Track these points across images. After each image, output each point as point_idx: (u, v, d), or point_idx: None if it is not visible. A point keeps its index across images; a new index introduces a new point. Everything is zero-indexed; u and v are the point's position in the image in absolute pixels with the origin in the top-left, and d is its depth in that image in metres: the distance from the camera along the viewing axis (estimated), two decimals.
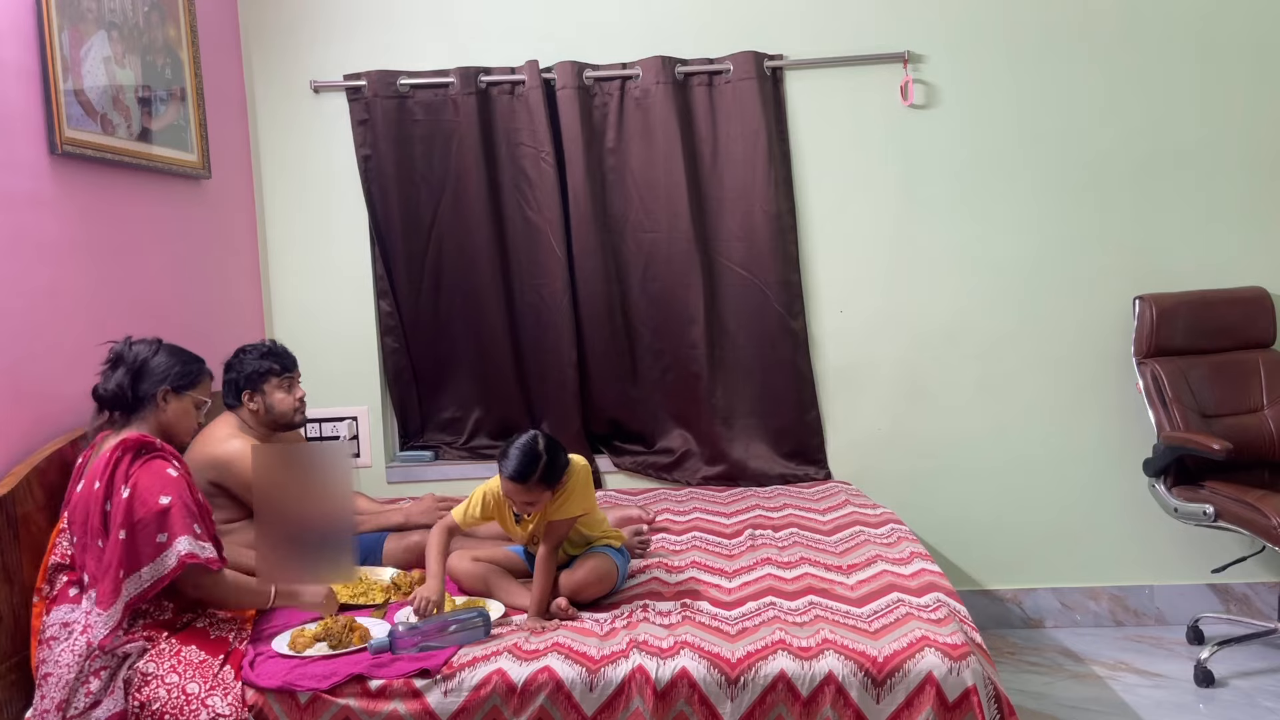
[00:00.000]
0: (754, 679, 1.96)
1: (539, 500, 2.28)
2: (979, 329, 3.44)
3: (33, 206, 2.35)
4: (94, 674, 1.94)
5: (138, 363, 2.17)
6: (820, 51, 3.40)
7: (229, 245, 3.34)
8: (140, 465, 2.05)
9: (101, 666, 1.95)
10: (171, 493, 2.03)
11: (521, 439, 2.25)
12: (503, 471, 2.25)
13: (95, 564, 2.01)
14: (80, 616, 1.98)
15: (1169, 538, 3.41)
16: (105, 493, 2.02)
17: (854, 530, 2.79)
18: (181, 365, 2.22)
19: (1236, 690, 2.91)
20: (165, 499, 2.02)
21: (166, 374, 2.18)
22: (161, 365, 2.19)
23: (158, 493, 2.02)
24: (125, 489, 2.02)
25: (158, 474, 2.05)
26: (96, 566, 2.00)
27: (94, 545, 2.01)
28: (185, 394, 2.21)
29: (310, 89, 3.50)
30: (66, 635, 1.98)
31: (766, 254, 3.40)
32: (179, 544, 2.00)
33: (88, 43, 2.53)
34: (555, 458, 2.26)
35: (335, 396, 3.53)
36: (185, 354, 2.26)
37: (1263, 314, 3.25)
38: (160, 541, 2.00)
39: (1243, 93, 3.34)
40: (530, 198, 3.46)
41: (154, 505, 2.00)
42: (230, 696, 1.93)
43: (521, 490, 2.24)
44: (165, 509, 2.01)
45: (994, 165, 3.40)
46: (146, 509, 2.00)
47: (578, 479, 2.34)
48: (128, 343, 2.22)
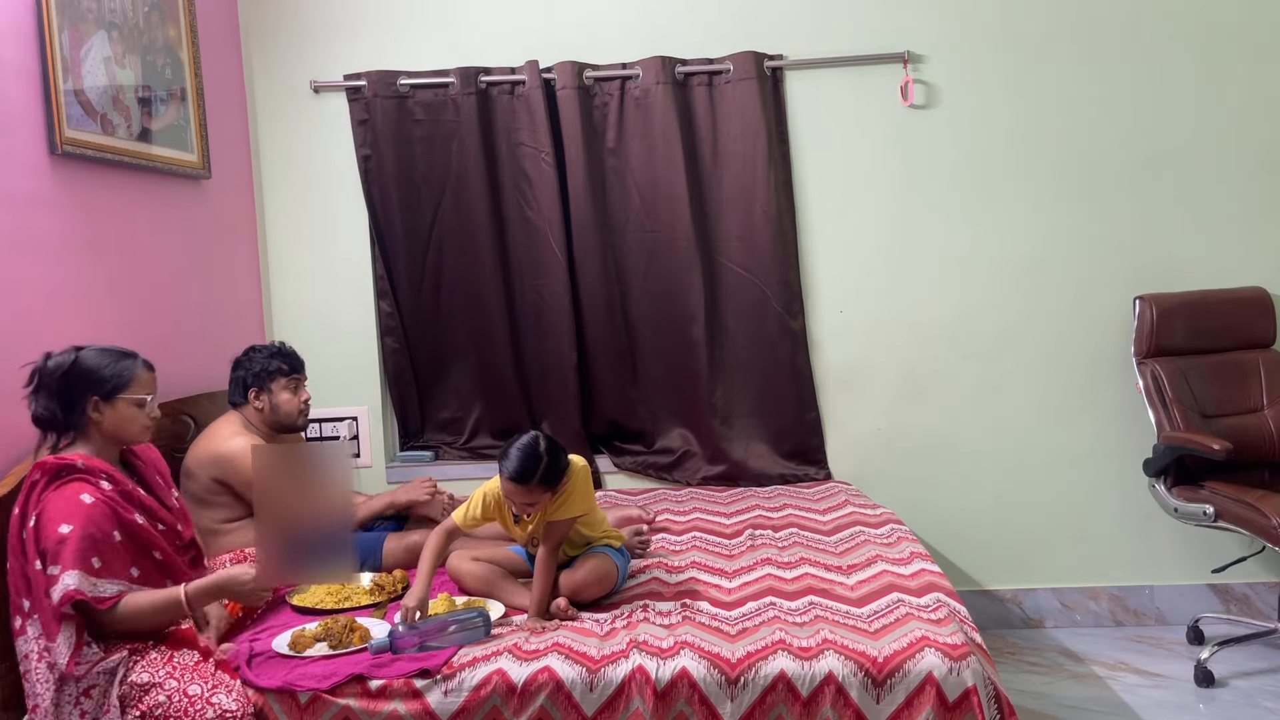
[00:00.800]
0: (754, 679, 1.96)
1: (539, 501, 2.28)
2: (979, 329, 3.44)
3: (33, 206, 2.35)
4: (84, 694, 1.89)
5: (56, 378, 2.03)
6: (820, 51, 3.40)
7: (229, 245, 3.34)
8: (53, 490, 1.95)
9: (91, 686, 1.90)
10: (75, 521, 1.90)
11: (522, 440, 2.25)
12: (503, 472, 2.25)
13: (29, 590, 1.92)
14: (33, 646, 1.90)
15: (1169, 538, 3.41)
16: (19, 520, 1.95)
17: (854, 530, 2.79)
18: (106, 369, 2.04)
19: (1236, 690, 2.91)
20: (65, 528, 1.89)
21: (92, 381, 2.03)
22: (84, 376, 2.03)
23: (60, 521, 1.90)
24: (33, 516, 1.93)
25: (67, 500, 1.93)
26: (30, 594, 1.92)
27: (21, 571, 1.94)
28: (117, 399, 2.04)
29: (310, 89, 3.50)
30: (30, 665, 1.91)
31: (766, 254, 3.40)
32: (65, 579, 1.87)
33: (88, 43, 2.53)
34: (556, 459, 2.26)
35: (335, 396, 3.53)
36: (110, 355, 2.08)
37: (1263, 314, 3.25)
38: (51, 573, 1.88)
39: (1242, 93, 3.34)
40: (530, 198, 3.46)
41: (53, 535, 1.89)
42: (235, 692, 1.92)
43: (522, 491, 2.24)
44: (62, 539, 1.88)
45: (994, 165, 3.40)
46: (46, 538, 1.90)
47: (577, 480, 2.34)
48: (44, 360, 2.05)
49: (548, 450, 2.24)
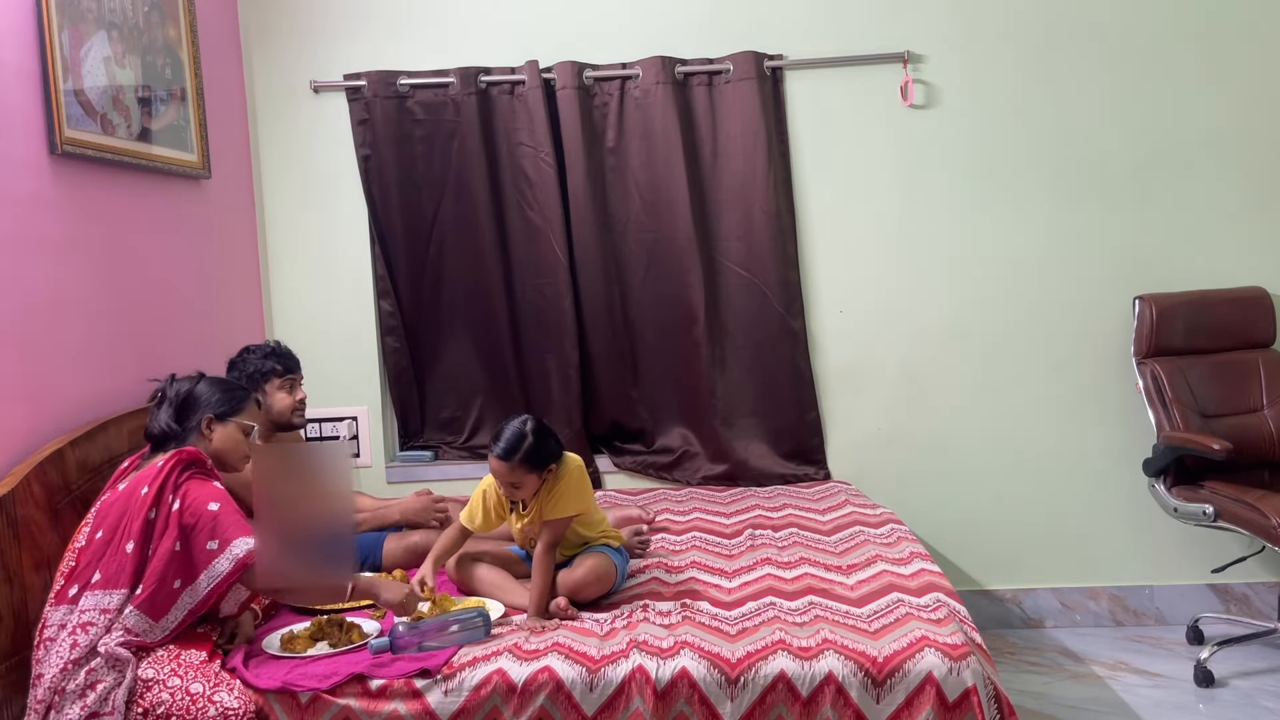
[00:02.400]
0: (754, 679, 1.96)
1: (524, 484, 2.31)
2: (979, 329, 3.44)
3: (33, 206, 2.35)
4: (89, 686, 1.90)
5: (180, 397, 2.19)
6: (820, 51, 3.40)
7: (229, 245, 3.34)
8: (189, 477, 2.07)
9: (96, 680, 1.91)
10: (220, 500, 2.05)
11: (513, 421, 2.34)
12: (491, 451, 2.31)
13: (113, 565, 1.99)
14: (75, 618, 1.96)
15: (1169, 538, 3.41)
16: (153, 500, 2.02)
17: (854, 530, 2.79)
18: (223, 393, 2.23)
19: (1236, 690, 2.91)
20: (214, 505, 2.03)
21: (208, 403, 2.19)
22: (203, 395, 2.20)
23: (206, 500, 2.03)
24: (175, 499, 2.03)
25: (205, 486, 2.07)
26: (114, 567, 1.98)
27: (120, 548, 1.99)
28: (229, 420, 2.20)
29: (310, 89, 3.50)
30: (59, 636, 1.96)
31: (766, 254, 3.40)
32: (234, 547, 2.01)
33: (88, 43, 2.53)
34: (543, 441, 2.31)
35: (335, 396, 3.53)
36: (227, 383, 2.28)
37: (1263, 314, 3.25)
38: (210, 549, 2.00)
39: (1242, 93, 3.34)
40: (530, 198, 3.46)
41: (203, 512, 2.02)
42: (237, 691, 1.93)
43: (507, 470, 2.29)
44: (215, 515, 2.02)
45: (994, 165, 3.40)
46: (196, 517, 2.01)
47: (572, 478, 2.36)
48: (170, 380, 2.24)
49: (534, 431, 2.31)
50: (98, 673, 1.92)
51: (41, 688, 1.91)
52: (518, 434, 2.30)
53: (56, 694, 1.90)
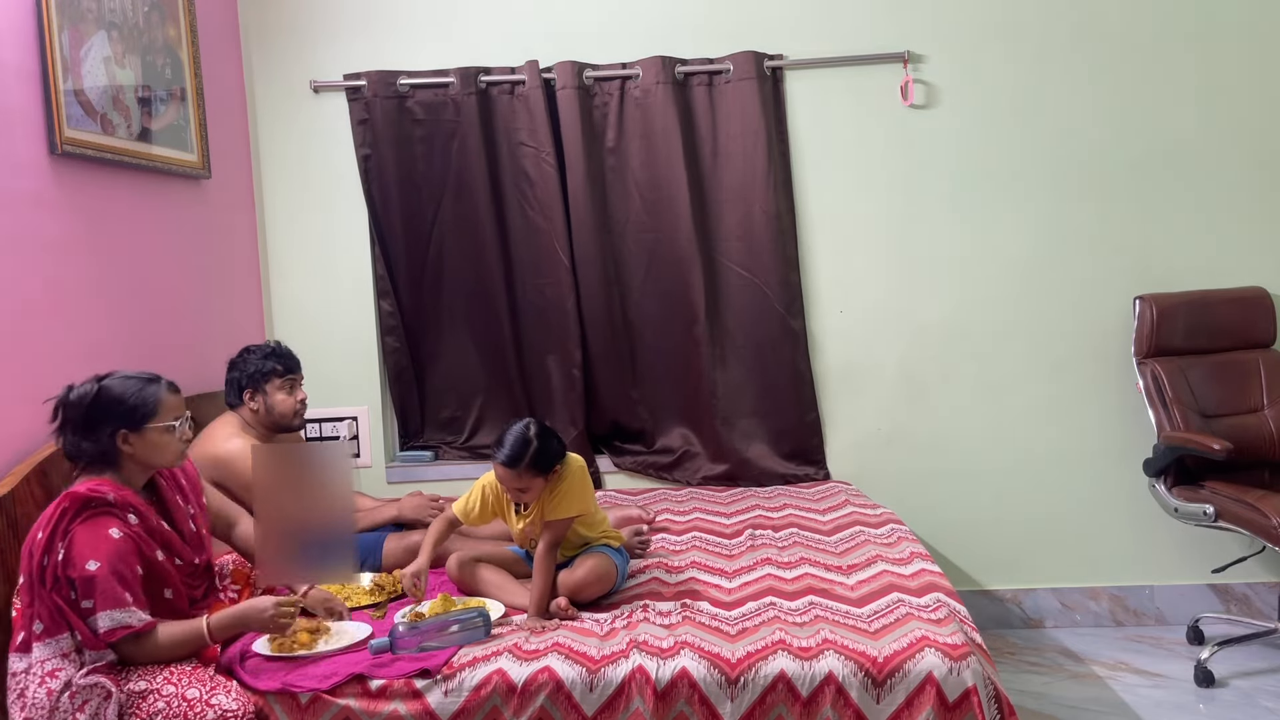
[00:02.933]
0: (754, 679, 1.96)
1: (531, 487, 2.30)
2: (979, 329, 3.44)
3: (33, 206, 2.35)
4: (78, 709, 1.87)
5: (80, 412, 2.00)
6: (820, 51, 3.40)
7: (229, 245, 3.34)
8: (80, 523, 1.92)
9: (84, 701, 1.87)
10: (101, 558, 1.89)
11: (515, 426, 2.31)
12: (495, 458, 2.29)
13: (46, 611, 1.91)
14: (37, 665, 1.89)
15: (1169, 538, 3.41)
16: (44, 547, 1.92)
17: (854, 530, 2.79)
18: (131, 398, 2.00)
19: (1236, 690, 2.91)
20: (93, 564, 1.89)
21: (116, 416, 1.99)
22: (108, 408, 1.99)
23: (87, 557, 1.89)
24: (61, 548, 1.91)
25: (95, 535, 1.92)
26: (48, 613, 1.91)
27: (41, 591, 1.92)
28: (145, 428, 2.01)
29: (310, 89, 3.50)
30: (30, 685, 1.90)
31: (766, 254, 3.39)
32: (100, 620, 1.88)
33: (88, 43, 2.53)
34: (547, 444, 2.30)
35: (335, 396, 3.53)
36: (132, 382, 2.03)
37: (1263, 314, 3.25)
38: (86, 608, 1.89)
39: (1242, 92, 3.34)
40: (531, 198, 3.46)
41: (81, 572, 1.88)
42: (234, 692, 1.92)
43: (513, 476, 2.28)
44: (90, 577, 1.88)
45: (994, 165, 3.40)
46: (76, 573, 1.88)
47: (574, 478, 2.35)
48: (66, 393, 2.02)
49: (539, 435, 2.29)
50: (83, 693, 1.88)
51: None
52: (521, 439, 2.28)
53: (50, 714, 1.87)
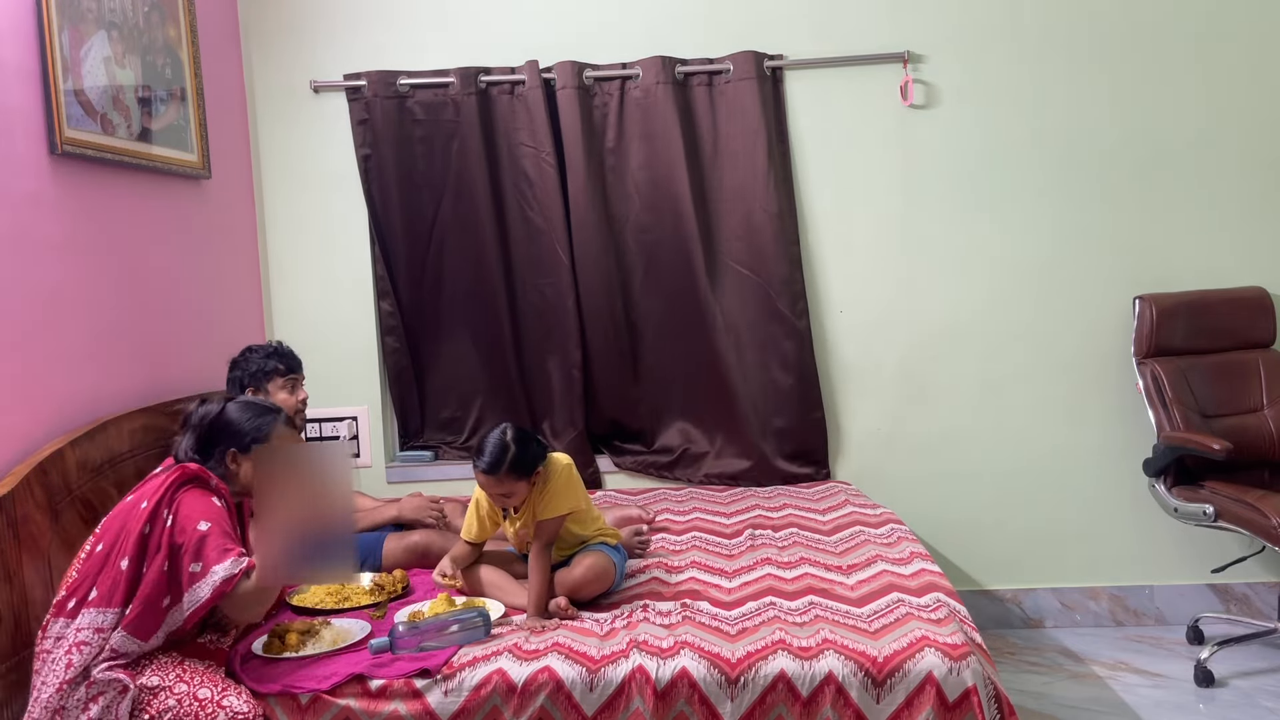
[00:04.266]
0: (754, 679, 1.96)
1: (515, 492, 2.31)
2: (979, 329, 3.44)
3: (33, 206, 2.35)
4: (92, 699, 1.88)
5: (205, 424, 2.13)
6: (820, 51, 3.40)
7: (229, 245, 3.34)
8: (185, 492, 2.02)
9: (99, 693, 1.89)
10: (211, 519, 1.99)
11: (493, 433, 2.31)
12: (476, 466, 2.29)
13: (109, 581, 1.96)
14: (71, 633, 1.93)
15: (1169, 538, 3.41)
16: (149, 515, 1.98)
17: (854, 530, 2.79)
18: (246, 423, 2.14)
19: (1236, 690, 2.91)
20: (204, 524, 1.97)
21: (232, 434, 2.13)
22: (228, 425, 2.13)
23: (197, 518, 1.98)
24: (169, 515, 1.99)
25: (201, 501, 2.02)
26: (109, 584, 1.95)
27: (116, 564, 1.96)
28: (254, 451, 2.13)
29: (310, 89, 3.50)
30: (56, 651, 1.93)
31: (768, 253, 3.39)
32: (214, 573, 1.95)
33: (88, 43, 2.53)
34: (525, 449, 2.29)
35: (335, 396, 3.53)
36: (252, 409, 2.18)
37: (1263, 314, 3.25)
38: (194, 571, 1.96)
39: (1243, 92, 3.34)
40: (531, 198, 3.46)
41: (192, 532, 1.97)
42: (245, 695, 1.92)
43: (494, 483, 2.29)
44: (202, 536, 1.96)
45: (994, 166, 3.40)
46: (185, 536, 1.97)
47: (560, 478, 2.36)
48: (198, 403, 2.18)
49: (516, 440, 2.29)
50: (98, 686, 1.90)
51: (38, 707, 1.89)
52: (499, 445, 2.27)
53: (56, 713, 1.88)
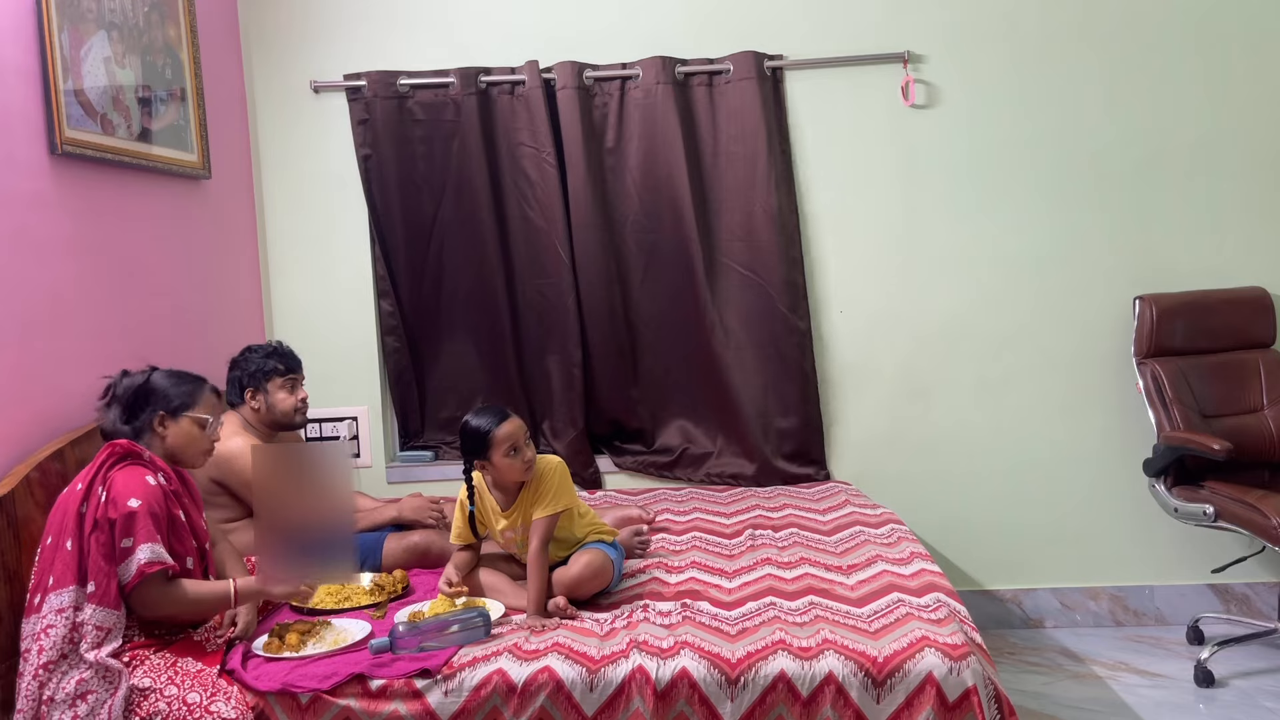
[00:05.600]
0: (754, 679, 1.96)
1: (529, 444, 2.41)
2: (979, 329, 3.44)
3: (33, 206, 2.35)
4: (80, 697, 1.89)
5: (130, 393, 2.14)
6: (820, 51, 3.40)
7: (229, 245, 3.34)
8: (118, 470, 2.03)
9: (86, 691, 1.89)
10: (141, 497, 1.99)
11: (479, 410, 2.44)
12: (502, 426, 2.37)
13: (60, 565, 1.96)
14: (38, 625, 1.93)
15: (1169, 538, 3.41)
16: (84, 494, 2.00)
17: (854, 530, 2.79)
18: (175, 386, 2.16)
19: (1236, 690, 2.91)
20: (134, 502, 1.98)
21: (159, 398, 2.13)
22: (154, 390, 2.14)
23: (128, 495, 1.99)
24: (103, 491, 2.00)
25: (133, 478, 2.02)
26: (61, 567, 1.96)
27: (62, 547, 1.97)
28: (181, 416, 2.14)
29: (310, 89, 3.50)
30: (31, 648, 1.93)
31: (768, 254, 3.39)
32: (139, 553, 1.96)
33: (88, 43, 2.53)
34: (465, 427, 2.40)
35: (335, 396, 3.53)
36: (180, 375, 2.20)
37: (1263, 314, 3.25)
38: (125, 546, 1.96)
39: (1243, 92, 3.34)
40: (531, 198, 3.46)
41: (123, 508, 1.97)
42: (234, 700, 1.92)
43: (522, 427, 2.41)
44: (131, 513, 1.97)
45: (994, 165, 3.40)
46: (117, 512, 1.97)
47: (553, 477, 2.38)
48: (120, 375, 2.18)
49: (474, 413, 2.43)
50: (89, 683, 1.90)
51: (23, 698, 1.90)
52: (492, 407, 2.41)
53: (42, 704, 1.88)
